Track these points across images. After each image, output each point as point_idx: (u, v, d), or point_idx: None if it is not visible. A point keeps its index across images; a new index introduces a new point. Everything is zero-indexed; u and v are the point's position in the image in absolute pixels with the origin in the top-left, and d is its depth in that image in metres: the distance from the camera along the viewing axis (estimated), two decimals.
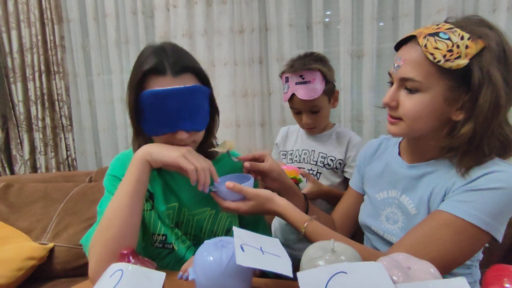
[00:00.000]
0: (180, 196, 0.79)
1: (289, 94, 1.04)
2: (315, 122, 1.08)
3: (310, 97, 1.00)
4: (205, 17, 1.71)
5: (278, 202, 0.70)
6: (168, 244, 0.76)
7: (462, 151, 0.64)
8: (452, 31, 0.60)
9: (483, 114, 0.59)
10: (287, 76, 1.05)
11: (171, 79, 0.67)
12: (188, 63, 0.71)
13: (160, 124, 0.68)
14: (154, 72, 0.67)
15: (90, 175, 1.58)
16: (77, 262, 1.24)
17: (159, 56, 0.68)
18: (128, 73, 1.97)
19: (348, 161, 1.11)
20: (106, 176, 0.80)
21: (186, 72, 0.69)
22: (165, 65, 0.67)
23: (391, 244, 0.71)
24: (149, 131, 0.71)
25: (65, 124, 1.96)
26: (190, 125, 0.69)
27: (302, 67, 1.01)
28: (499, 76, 0.58)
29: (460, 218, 0.59)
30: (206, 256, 0.50)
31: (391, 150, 0.82)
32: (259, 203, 0.69)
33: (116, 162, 0.81)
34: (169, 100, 0.66)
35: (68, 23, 1.89)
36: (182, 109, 0.67)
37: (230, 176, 0.76)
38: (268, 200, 0.70)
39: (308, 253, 0.50)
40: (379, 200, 0.77)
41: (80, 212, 1.31)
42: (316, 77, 1.01)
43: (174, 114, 0.67)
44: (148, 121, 0.69)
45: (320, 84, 1.01)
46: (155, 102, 0.66)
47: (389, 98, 0.67)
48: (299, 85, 1.01)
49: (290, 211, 0.69)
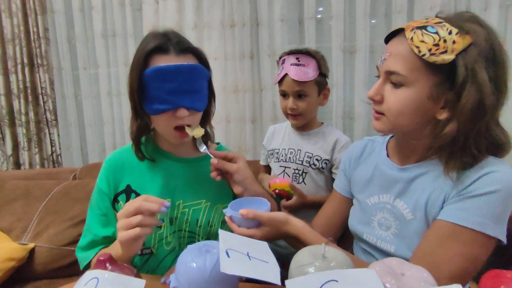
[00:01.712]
0: (174, 188, 0.78)
1: (281, 74, 1.06)
2: (299, 109, 1.06)
3: (300, 78, 1.02)
4: (195, 10, 1.67)
5: (294, 224, 0.66)
6: (147, 249, 0.74)
7: (449, 151, 0.61)
8: (441, 25, 0.58)
9: (466, 113, 0.56)
10: (284, 58, 1.08)
11: (174, 57, 0.70)
12: (190, 44, 0.74)
13: (162, 101, 0.69)
14: (158, 51, 0.70)
15: (74, 172, 1.52)
16: (58, 263, 1.19)
17: (163, 38, 0.71)
18: (116, 67, 1.93)
19: (336, 162, 1.10)
20: (96, 185, 0.80)
21: (188, 53, 0.73)
22: (169, 44, 0.70)
23: (384, 253, 0.69)
24: (150, 110, 0.71)
25: (50, 119, 1.90)
26: (190, 103, 0.70)
27: (300, 51, 1.06)
28: (484, 75, 0.55)
29: (466, 228, 0.57)
30: (189, 262, 0.47)
31: (379, 152, 0.79)
32: (274, 227, 0.65)
33: (105, 171, 0.80)
34: (172, 76, 0.68)
35: (53, 14, 1.82)
36: (183, 87, 0.69)
37: (244, 199, 0.73)
38: (283, 223, 0.66)
39: (297, 259, 0.47)
40: (370, 205, 0.74)
41: (62, 211, 1.26)
42: (310, 63, 1.04)
43: (176, 91, 0.69)
44: (150, 99, 0.70)
45: (313, 71, 1.04)
46: (158, 79, 0.68)
47: (374, 91, 0.66)
48: (293, 66, 1.03)
49: (306, 233, 0.66)
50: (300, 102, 1.06)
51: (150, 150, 0.80)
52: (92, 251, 0.76)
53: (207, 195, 0.80)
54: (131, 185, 0.77)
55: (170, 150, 0.82)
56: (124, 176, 0.78)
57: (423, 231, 0.64)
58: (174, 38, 0.72)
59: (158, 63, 0.69)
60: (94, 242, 0.76)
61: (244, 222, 0.65)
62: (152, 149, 0.81)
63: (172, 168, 0.80)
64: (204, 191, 0.79)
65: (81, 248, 0.78)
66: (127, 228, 0.58)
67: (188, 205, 0.78)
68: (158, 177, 0.78)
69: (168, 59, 0.70)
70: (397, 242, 0.67)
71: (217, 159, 0.73)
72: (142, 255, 0.74)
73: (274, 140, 1.22)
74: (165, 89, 0.68)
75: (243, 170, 0.74)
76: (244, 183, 0.74)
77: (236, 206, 0.69)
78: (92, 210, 0.79)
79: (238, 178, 0.73)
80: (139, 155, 0.78)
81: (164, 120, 0.72)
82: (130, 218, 0.58)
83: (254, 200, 0.72)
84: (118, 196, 0.77)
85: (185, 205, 0.78)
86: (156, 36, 0.72)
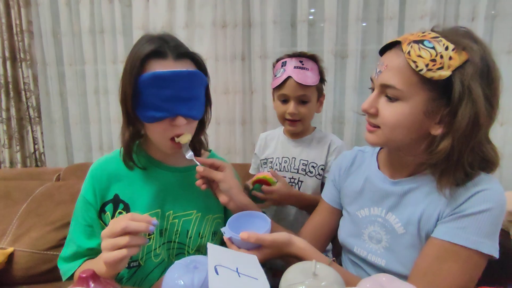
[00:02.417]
0: (164, 198, 0.75)
1: (283, 77, 1.00)
2: (300, 114, 1.03)
3: (305, 82, 0.98)
4: (186, 10, 1.63)
5: (298, 245, 0.65)
6: (134, 261, 0.72)
7: (442, 168, 0.61)
8: (437, 40, 0.58)
9: (461, 130, 0.57)
10: (285, 60, 1.03)
11: (172, 62, 0.67)
12: (188, 49, 0.71)
13: (158, 109, 0.66)
14: (155, 56, 0.66)
15: (58, 173, 1.47)
16: (39, 268, 1.14)
17: (159, 41, 0.68)
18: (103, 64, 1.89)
19: (328, 166, 1.07)
20: (80, 192, 0.76)
21: (186, 58, 0.70)
22: (166, 49, 0.67)
23: (374, 267, 0.69)
24: (145, 117, 0.67)
25: (33, 116, 1.83)
26: (188, 111, 0.68)
27: (304, 54, 1.03)
28: (480, 92, 0.56)
29: (463, 247, 0.58)
30: (176, 279, 0.46)
31: (369, 163, 0.78)
32: (277, 249, 0.63)
33: (90, 180, 0.76)
34: (170, 83, 0.65)
35: (37, 6, 1.75)
36: (181, 94, 0.66)
37: (242, 214, 0.70)
38: (286, 244, 0.64)
39: (288, 277, 0.46)
40: (360, 218, 0.74)
41: (45, 214, 1.21)
42: (313, 67, 1.02)
43: (172, 98, 0.65)
44: (145, 106, 0.66)
45: (316, 76, 1.02)
46: (155, 85, 0.64)
47: (368, 104, 0.65)
48: (297, 69, 0.99)
49: (310, 254, 0.64)
50: (301, 107, 1.02)
51: (142, 158, 0.77)
52: (75, 262, 0.72)
53: (198, 205, 0.78)
54: (119, 194, 0.74)
55: (161, 159, 0.79)
56: (111, 185, 0.75)
57: (415, 245, 0.64)
58: (172, 42, 0.69)
59: (155, 69, 0.65)
60: (78, 254, 0.73)
61: (244, 244, 0.62)
62: (143, 157, 0.78)
63: (162, 177, 0.77)
64: (195, 201, 0.76)
65: (64, 259, 0.74)
66: (112, 249, 0.54)
67: (179, 215, 0.76)
68: (147, 187, 0.75)
69: (166, 64, 0.66)
70: (388, 256, 0.67)
71: (203, 166, 0.71)
72: (130, 268, 0.72)
73: (268, 148, 1.18)
74: (162, 96, 0.65)
75: (230, 179, 0.71)
76: (229, 192, 0.71)
77: (234, 224, 0.66)
78: (76, 220, 0.75)
79: (224, 187, 0.71)
80: (130, 163, 0.74)
81: (160, 129, 0.68)
82: (117, 239, 0.55)
83: (252, 215, 0.69)
84: (105, 206, 0.74)
85: (175, 215, 0.75)
86: (151, 39, 0.68)
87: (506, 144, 1.51)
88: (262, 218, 0.68)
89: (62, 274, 0.74)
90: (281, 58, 1.06)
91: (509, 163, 1.51)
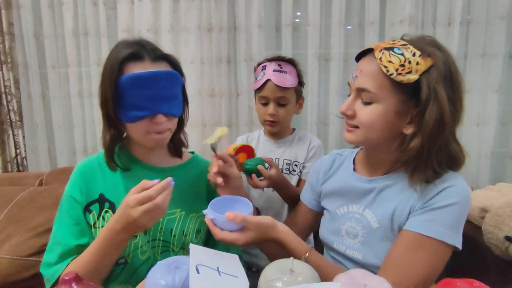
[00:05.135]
0: None
1: (263, 80, 1.06)
2: (279, 116, 1.08)
3: (283, 84, 1.04)
4: (172, 13, 1.64)
5: (281, 229, 0.67)
6: (121, 258, 0.72)
7: (413, 165, 0.66)
8: (406, 47, 0.63)
9: (429, 129, 0.62)
10: (265, 64, 1.09)
11: (149, 64, 0.70)
12: (164, 52, 0.75)
13: (139, 108, 0.69)
14: (133, 58, 0.70)
15: (41, 177, 1.45)
16: (20, 275, 1.11)
17: (136, 45, 0.71)
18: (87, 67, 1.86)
19: (305, 161, 1.12)
20: (64, 193, 0.77)
21: (163, 60, 0.74)
22: (143, 51, 0.71)
23: (352, 261, 0.72)
24: (127, 118, 0.70)
25: (14, 120, 1.80)
26: (168, 109, 0.71)
27: (282, 58, 1.09)
28: (444, 94, 0.61)
29: (431, 238, 0.62)
30: (159, 279, 0.47)
31: (346, 166, 0.83)
32: (260, 232, 0.64)
33: (77, 178, 0.77)
34: (149, 83, 0.68)
35: (18, 8, 1.72)
36: (160, 93, 0.69)
37: (221, 198, 0.71)
38: (270, 228, 0.66)
39: (266, 274, 0.48)
40: (339, 215, 0.78)
41: (26, 220, 1.19)
42: (292, 70, 1.07)
43: (153, 98, 0.69)
44: (126, 107, 0.69)
45: (294, 78, 1.07)
46: (135, 86, 0.67)
47: (346, 107, 0.70)
48: (275, 72, 1.05)
49: (292, 239, 0.67)
50: (280, 109, 1.07)
51: (124, 159, 0.79)
52: (62, 263, 0.70)
53: (182, 205, 0.79)
54: (104, 194, 0.75)
55: (145, 159, 0.81)
56: (96, 184, 0.76)
57: (388, 238, 0.68)
58: (148, 46, 0.73)
59: (133, 70, 0.68)
60: (65, 253, 0.71)
61: (227, 225, 0.62)
62: (126, 158, 0.79)
63: (146, 177, 0.77)
64: (178, 200, 0.78)
65: (48, 265, 0.72)
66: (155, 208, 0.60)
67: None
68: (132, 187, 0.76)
69: (144, 66, 0.70)
70: (364, 250, 0.71)
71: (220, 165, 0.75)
72: (117, 265, 0.72)
73: None
74: (143, 96, 0.68)
75: (241, 177, 0.78)
76: (240, 191, 0.77)
77: (216, 206, 0.65)
78: (61, 221, 0.74)
79: (236, 184, 0.76)
80: (112, 165, 0.76)
81: (141, 127, 0.71)
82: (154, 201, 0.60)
83: (233, 200, 0.70)
84: (90, 205, 0.74)
85: None
86: (128, 44, 0.72)
87: (482, 143, 1.57)
88: (244, 203, 0.69)
89: (47, 280, 0.72)
90: (262, 62, 1.12)
91: (486, 162, 1.57)
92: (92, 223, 0.73)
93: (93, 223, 0.73)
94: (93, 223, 0.73)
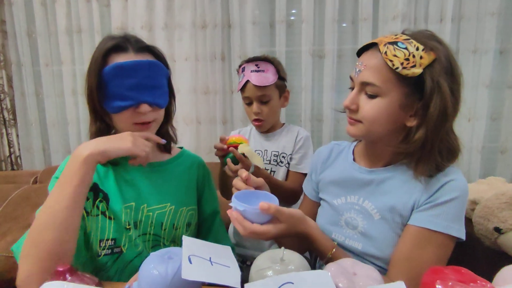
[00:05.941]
0: (139, 192, 0.76)
1: (243, 81, 1.10)
2: (263, 113, 1.11)
3: (262, 83, 1.07)
4: (166, 10, 1.64)
5: (310, 223, 0.67)
6: (117, 247, 0.72)
7: (417, 157, 0.68)
8: (409, 42, 0.64)
9: (433, 121, 0.63)
10: (244, 66, 1.12)
11: (133, 55, 0.71)
12: (147, 44, 0.75)
13: (124, 98, 0.69)
14: (116, 50, 0.71)
15: (35, 175, 1.45)
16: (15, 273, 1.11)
17: (120, 38, 0.73)
18: (81, 64, 1.86)
19: (296, 156, 1.13)
20: (52, 179, 0.75)
21: (146, 51, 0.74)
22: (127, 43, 0.72)
23: (352, 251, 0.73)
24: (111, 108, 0.71)
25: (7, 118, 1.79)
26: (152, 98, 0.72)
27: (259, 58, 1.11)
28: (446, 87, 0.63)
29: (437, 232, 0.64)
30: (152, 269, 0.48)
31: (345, 156, 0.83)
32: (291, 224, 0.62)
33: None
34: (132, 72, 0.69)
35: (10, 6, 1.72)
36: (144, 82, 0.71)
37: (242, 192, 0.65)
38: (301, 220, 0.65)
39: (257, 263, 0.49)
40: (337, 206, 0.78)
41: (21, 217, 1.19)
42: (269, 68, 1.10)
43: (136, 86, 0.70)
44: (111, 97, 0.70)
45: (273, 75, 1.09)
46: (118, 76, 0.68)
47: (350, 101, 0.70)
48: (253, 73, 1.08)
49: (319, 234, 0.67)
50: (263, 106, 1.11)
51: None
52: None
53: (172, 199, 0.80)
54: (98, 184, 0.75)
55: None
56: None
57: (390, 230, 0.69)
58: (132, 38, 0.74)
59: (117, 61, 0.69)
60: None
61: (257, 217, 0.58)
62: None
63: (136, 172, 0.78)
64: (168, 194, 0.78)
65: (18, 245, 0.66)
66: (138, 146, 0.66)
67: (153, 209, 0.77)
68: (121, 181, 0.76)
69: (127, 56, 0.70)
70: (364, 241, 0.72)
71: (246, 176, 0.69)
72: (113, 254, 0.72)
73: None
74: (126, 85, 0.69)
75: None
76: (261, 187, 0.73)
77: (242, 199, 0.60)
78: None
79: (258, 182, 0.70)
80: None
81: (125, 117, 0.71)
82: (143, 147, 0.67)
83: (255, 194, 0.65)
84: None
85: (149, 208, 0.77)
86: (113, 37, 0.73)
87: (473, 138, 1.60)
88: (269, 197, 0.64)
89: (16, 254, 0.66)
90: (241, 64, 1.15)
91: (477, 155, 1.60)
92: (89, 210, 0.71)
93: (89, 210, 0.71)
94: (90, 211, 0.71)
